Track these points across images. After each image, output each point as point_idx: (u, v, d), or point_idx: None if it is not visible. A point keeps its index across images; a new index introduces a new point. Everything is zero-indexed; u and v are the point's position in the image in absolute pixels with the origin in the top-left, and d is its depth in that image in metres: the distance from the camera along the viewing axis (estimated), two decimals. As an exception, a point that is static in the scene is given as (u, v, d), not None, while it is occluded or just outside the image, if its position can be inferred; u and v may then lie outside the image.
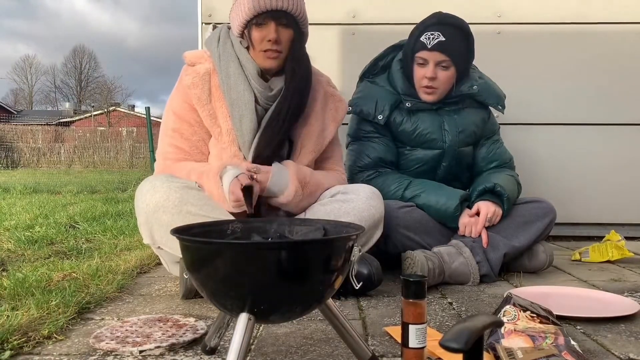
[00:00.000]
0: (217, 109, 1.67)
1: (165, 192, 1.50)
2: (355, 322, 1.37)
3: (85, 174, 11.46)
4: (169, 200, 1.50)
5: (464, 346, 0.71)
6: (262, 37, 1.62)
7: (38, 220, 3.27)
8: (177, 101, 1.71)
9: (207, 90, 1.67)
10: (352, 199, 1.66)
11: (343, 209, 1.64)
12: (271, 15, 1.60)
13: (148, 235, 1.57)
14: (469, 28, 1.97)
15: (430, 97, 1.98)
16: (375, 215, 1.68)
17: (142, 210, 1.54)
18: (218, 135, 1.67)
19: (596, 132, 2.73)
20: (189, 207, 1.50)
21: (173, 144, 1.70)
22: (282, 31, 1.62)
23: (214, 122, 1.67)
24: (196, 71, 1.69)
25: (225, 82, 1.66)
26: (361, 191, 1.69)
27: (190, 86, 1.67)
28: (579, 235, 2.75)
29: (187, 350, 1.16)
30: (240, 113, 1.64)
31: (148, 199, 1.52)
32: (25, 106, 42.05)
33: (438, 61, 1.92)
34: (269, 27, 1.61)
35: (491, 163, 2.09)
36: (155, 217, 1.52)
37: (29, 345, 1.18)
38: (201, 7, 2.67)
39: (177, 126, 1.70)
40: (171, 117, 1.72)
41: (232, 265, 0.90)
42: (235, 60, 1.67)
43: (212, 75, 1.69)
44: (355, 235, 0.97)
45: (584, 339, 1.24)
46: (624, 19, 2.68)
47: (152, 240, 1.58)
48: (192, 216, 1.49)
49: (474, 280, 1.79)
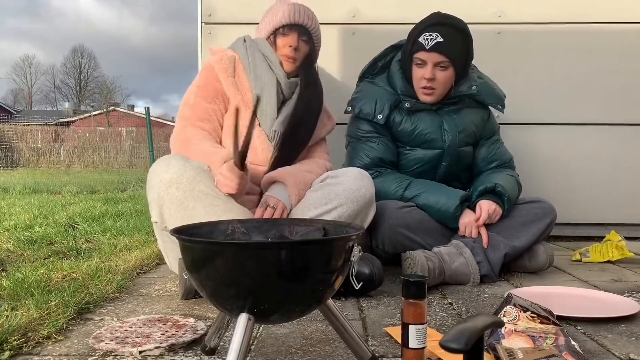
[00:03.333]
0: (240, 84, 1.83)
1: (180, 169, 1.56)
2: (355, 322, 1.36)
3: (85, 174, 11.44)
4: (183, 176, 1.55)
5: (464, 346, 0.71)
6: (285, 43, 1.83)
7: (37, 220, 3.27)
8: (201, 77, 1.85)
9: (232, 67, 1.84)
10: (342, 182, 1.71)
11: (333, 192, 1.68)
12: (296, 28, 1.83)
13: (158, 212, 1.60)
14: (467, 28, 1.97)
15: (428, 98, 1.97)
16: (366, 195, 1.71)
17: (155, 185, 1.58)
18: (240, 102, 1.79)
19: (596, 132, 2.72)
20: (201, 186, 1.55)
21: (194, 109, 1.80)
22: (302, 43, 1.84)
23: (237, 91, 1.81)
24: (223, 54, 1.86)
25: (251, 64, 1.84)
26: (349, 173, 1.75)
27: (217, 61, 1.83)
28: (579, 236, 2.75)
29: (187, 350, 1.16)
30: (262, 87, 1.81)
31: (163, 175, 1.57)
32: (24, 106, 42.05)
33: (436, 62, 1.92)
34: (292, 37, 1.83)
35: (491, 163, 2.09)
36: (168, 193, 1.55)
37: (29, 345, 1.17)
38: (201, 7, 2.67)
39: (200, 93, 1.82)
40: (193, 89, 1.84)
41: (232, 265, 0.90)
42: (260, 53, 1.86)
43: (237, 61, 1.86)
44: (355, 235, 0.97)
45: (585, 339, 1.24)
46: (625, 18, 2.68)
47: (161, 219, 1.60)
48: (204, 195, 1.55)
49: (475, 281, 1.78)
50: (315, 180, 1.78)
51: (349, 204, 1.67)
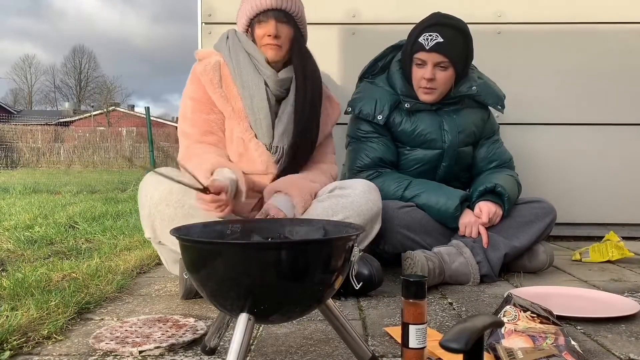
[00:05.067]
0: (228, 92, 1.74)
1: (169, 185, 1.51)
2: (355, 322, 1.36)
3: (85, 174, 11.44)
4: (172, 193, 1.53)
5: (464, 346, 0.71)
6: (263, 33, 1.71)
7: (37, 220, 3.27)
8: (191, 88, 1.77)
9: (217, 76, 1.75)
10: (349, 194, 1.67)
11: (340, 204, 1.65)
12: (271, 14, 1.70)
13: (150, 229, 1.59)
14: (467, 28, 1.97)
15: (428, 98, 1.97)
16: (373, 209, 1.69)
17: (145, 203, 1.57)
18: (230, 113, 1.73)
19: (596, 132, 2.72)
20: (191, 201, 1.50)
21: (194, 124, 1.74)
22: (282, 27, 1.71)
23: (226, 103, 1.73)
24: (207, 62, 1.77)
25: (236, 68, 1.74)
26: (358, 186, 1.71)
27: (201, 73, 1.74)
28: (579, 235, 2.75)
29: (187, 350, 1.16)
30: (251, 93, 1.72)
31: (151, 192, 1.55)
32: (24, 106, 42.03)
33: (436, 62, 1.92)
34: (269, 24, 1.71)
35: (491, 163, 2.09)
36: (158, 210, 1.54)
37: (29, 345, 1.17)
38: (201, 7, 2.67)
39: (196, 106, 1.75)
40: (188, 103, 1.77)
41: (232, 265, 0.90)
42: (244, 51, 1.76)
43: (223, 66, 1.77)
44: (355, 235, 0.97)
45: (584, 339, 1.24)
46: (625, 18, 2.68)
47: (153, 235, 1.59)
48: (194, 210, 1.50)
49: (474, 281, 1.79)
50: (323, 190, 1.73)
51: (355, 217, 1.63)
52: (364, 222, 1.66)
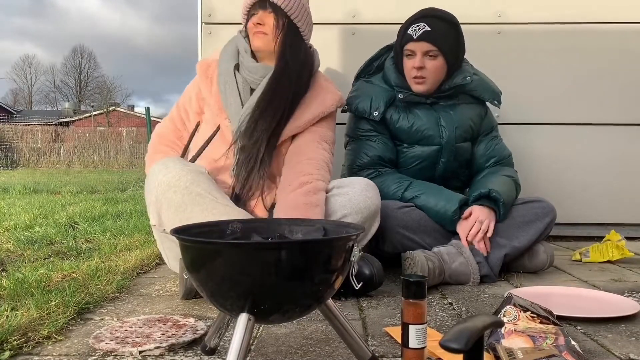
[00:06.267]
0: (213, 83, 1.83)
1: (178, 172, 1.55)
2: (355, 322, 1.36)
3: (85, 174, 11.45)
4: (180, 180, 1.54)
5: (464, 346, 0.71)
6: (251, 23, 1.79)
7: (37, 220, 3.27)
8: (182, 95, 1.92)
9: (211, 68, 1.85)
10: (347, 192, 1.68)
11: (339, 202, 1.66)
12: (259, 5, 1.78)
13: (156, 215, 1.60)
14: (455, 19, 1.99)
15: (421, 88, 1.98)
16: (371, 207, 1.69)
17: (152, 188, 1.58)
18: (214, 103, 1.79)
19: (596, 132, 2.72)
20: (199, 189, 1.54)
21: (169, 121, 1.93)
22: (267, 16, 1.77)
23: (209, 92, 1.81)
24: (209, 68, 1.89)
25: (220, 58, 1.85)
26: (356, 183, 1.72)
27: (200, 64, 1.88)
28: (579, 235, 2.75)
29: (187, 350, 1.16)
30: (225, 80, 1.80)
31: (160, 178, 1.56)
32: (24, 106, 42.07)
33: (425, 51, 1.93)
34: (257, 14, 1.78)
35: (490, 159, 2.09)
36: (166, 197, 1.55)
37: (29, 345, 1.17)
38: (201, 7, 2.67)
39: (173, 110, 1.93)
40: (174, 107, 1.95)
41: (232, 265, 0.90)
42: (234, 45, 1.86)
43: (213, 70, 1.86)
44: (355, 235, 0.97)
45: (585, 339, 1.24)
46: (625, 18, 2.67)
47: (159, 221, 1.60)
48: (201, 198, 1.53)
49: (474, 281, 1.79)
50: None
51: (353, 215, 1.64)
52: (363, 219, 1.66)
